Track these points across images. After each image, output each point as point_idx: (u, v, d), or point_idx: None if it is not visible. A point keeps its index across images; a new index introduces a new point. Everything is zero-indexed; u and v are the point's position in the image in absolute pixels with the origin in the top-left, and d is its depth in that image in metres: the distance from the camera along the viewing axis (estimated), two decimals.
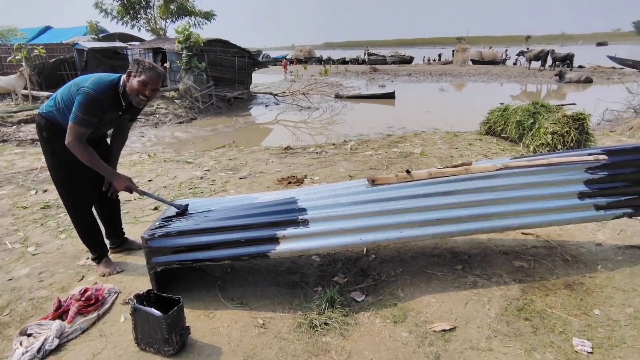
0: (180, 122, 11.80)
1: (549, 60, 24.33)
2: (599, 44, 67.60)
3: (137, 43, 18.04)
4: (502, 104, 6.39)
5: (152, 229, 2.19)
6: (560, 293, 2.20)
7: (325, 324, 2.02)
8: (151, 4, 20.10)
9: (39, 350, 1.82)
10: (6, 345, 1.97)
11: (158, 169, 5.16)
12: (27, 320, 2.15)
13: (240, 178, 4.56)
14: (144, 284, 2.46)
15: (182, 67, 13.44)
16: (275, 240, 2.15)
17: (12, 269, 2.74)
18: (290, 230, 2.17)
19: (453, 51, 36.12)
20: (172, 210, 2.46)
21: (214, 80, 14.14)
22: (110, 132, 2.73)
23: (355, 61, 37.15)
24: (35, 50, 13.16)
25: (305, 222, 2.19)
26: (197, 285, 2.39)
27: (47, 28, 22.86)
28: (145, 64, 2.25)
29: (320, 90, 15.56)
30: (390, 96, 15.84)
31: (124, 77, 2.30)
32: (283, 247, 2.14)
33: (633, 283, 2.25)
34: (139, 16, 20.22)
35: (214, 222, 2.24)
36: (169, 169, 5.19)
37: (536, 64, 25.06)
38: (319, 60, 38.76)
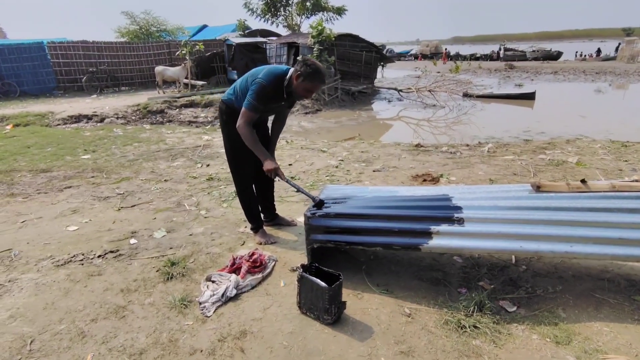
0: (306, 113, 12.52)
1: None
2: None
3: (274, 38, 19.72)
4: None
5: (313, 209, 2.42)
6: None
7: (475, 327, 1.97)
8: (290, 2, 21.73)
9: (222, 295, 2.19)
10: (194, 287, 2.42)
11: (296, 155, 5.62)
12: (208, 270, 2.60)
13: (374, 170, 4.68)
14: (295, 256, 2.74)
15: None
16: (428, 234, 2.17)
17: (191, 226, 3.34)
18: (444, 227, 2.15)
19: (619, 45, 30.01)
20: (329, 193, 2.67)
21: (341, 73, 14.63)
22: (271, 118, 3.08)
23: (489, 57, 34.06)
24: (196, 46, 15.51)
25: (460, 221, 2.15)
26: (344, 267, 2.56)
27: (204, 26, 26.65)
28: (314, 72, 2.40)
29: (447, 88, 14.79)
30: (529, 97, 14.16)
31: (291, 72, 2.52)
32: (435, 243, 2.14)
33: None
34: (278, 13, 22.09)
35: (367, 209, 2.36)
36: (305, 155, 5.61)
37: None
38: (447, 56, 36.73)
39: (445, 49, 35.93)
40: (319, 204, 2.48)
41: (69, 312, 2.19)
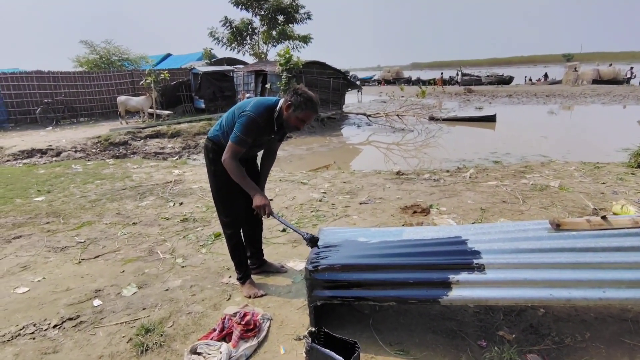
0: None
1: None
2: None
3: (241, 66, 19.61)
4: None
5: (314, 260, 2.13)
6: None
7: None
8: (257, 31, 21.87)
9: None
10: None
11: (275, 189, 5.32)
12: (190, 336, 2.22)
13: (360, 203, 4.45)
14: (292, 312, 2.42)
15: (282, 88, 14.13)
16: (447, 285, 1.93)
17: (167, 279, 2.93)
18: (464, 275, 1.93)
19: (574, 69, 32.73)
20: (326, 238, 2.40)
21: None
22: (260, 153, 2.85)
23: (448, 82, 35.78)
24: (161, 75, 15.04)
25: (481, 267, 1.94)
26: (349, 321, 2.27)
27: (168, 55, 26.19)
28: (307, 101, 2.29)
29: (415, 112, 15.13)
30: (491, 119, 14.75)
31: (281, 103, 2.41)
32: (456, 294, 1.91)
33: None
34: (244, 42, 22.11)
35: (376, 258, 2.10)
36: (285, 188, 5.32)
37: None
38: (408, 81, 38.13)
39: (442, 74, 38.05)
40: (312, 240, 2.32)
41: None
